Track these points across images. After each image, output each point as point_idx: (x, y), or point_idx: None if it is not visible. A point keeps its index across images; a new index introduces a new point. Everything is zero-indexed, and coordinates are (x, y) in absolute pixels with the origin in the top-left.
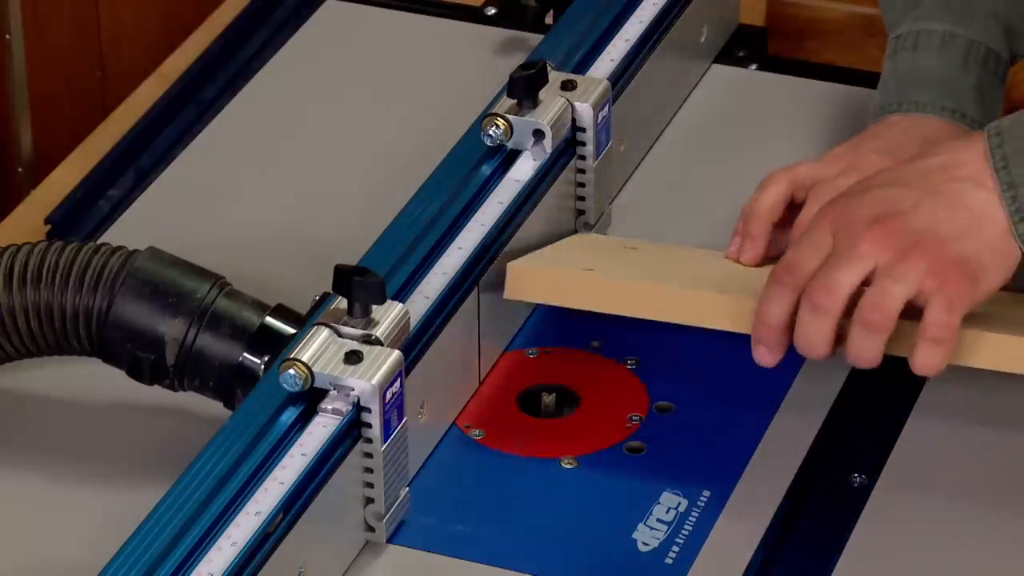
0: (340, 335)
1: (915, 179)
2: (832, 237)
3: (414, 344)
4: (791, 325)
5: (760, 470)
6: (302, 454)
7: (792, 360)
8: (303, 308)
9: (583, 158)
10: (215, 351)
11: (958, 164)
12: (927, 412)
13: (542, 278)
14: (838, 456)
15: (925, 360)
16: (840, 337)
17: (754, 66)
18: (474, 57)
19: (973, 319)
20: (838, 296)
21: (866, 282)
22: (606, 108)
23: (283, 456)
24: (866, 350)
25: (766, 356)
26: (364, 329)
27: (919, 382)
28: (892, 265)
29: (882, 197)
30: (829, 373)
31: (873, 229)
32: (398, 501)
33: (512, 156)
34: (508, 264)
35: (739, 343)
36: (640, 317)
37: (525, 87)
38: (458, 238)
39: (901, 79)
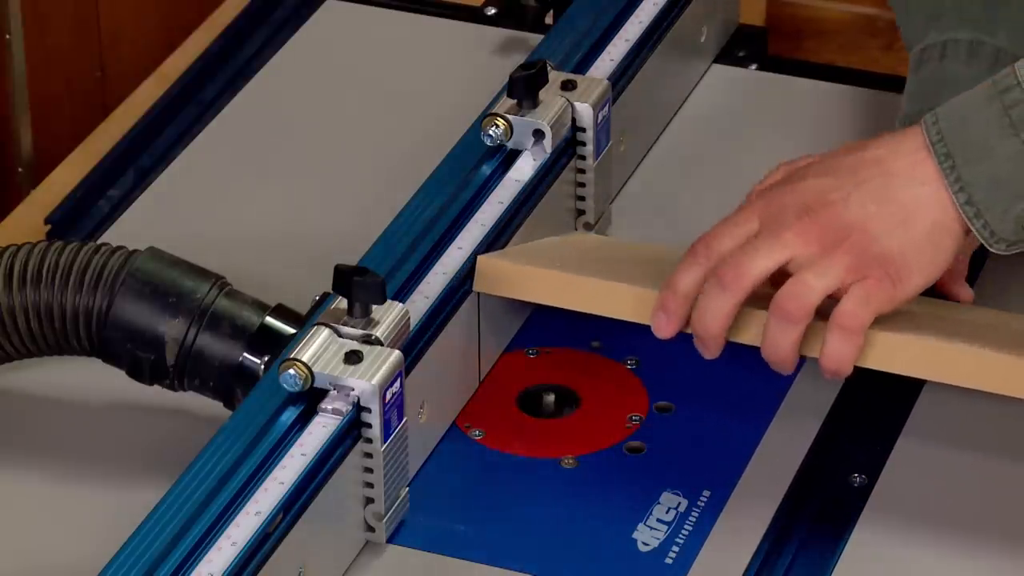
0: (340, 335)
1: (848, 171)
2: (758, 222)
3: (414, 344)
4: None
5: (760, 470)
6: (302, 454)
7: None
8: (303, 308)
9: (583, 158)
10: (215, 351)
11: (893, 156)
12: (927, 412)
13: (504, 273)
14: (838, 456)
15: (834, 350)
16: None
17: (754, 66)
18: (474, 57)
19: (896, 324)
20: (746, 277)
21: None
22: (606, 108)
23: (283, 456)
24: (780, 341)
25: (663, 323)
26: (364, 329)
27: (919, 382)
28: (815, 258)
29: (814, 187)
30: None
31: (802, 220)
32: (398, 501)
33: (512, 156)
34: (478, 257)
35: (738, 344)
36: (572, 308)
37: (525, 87)
38: (458, 238)
39: (928, 88)
